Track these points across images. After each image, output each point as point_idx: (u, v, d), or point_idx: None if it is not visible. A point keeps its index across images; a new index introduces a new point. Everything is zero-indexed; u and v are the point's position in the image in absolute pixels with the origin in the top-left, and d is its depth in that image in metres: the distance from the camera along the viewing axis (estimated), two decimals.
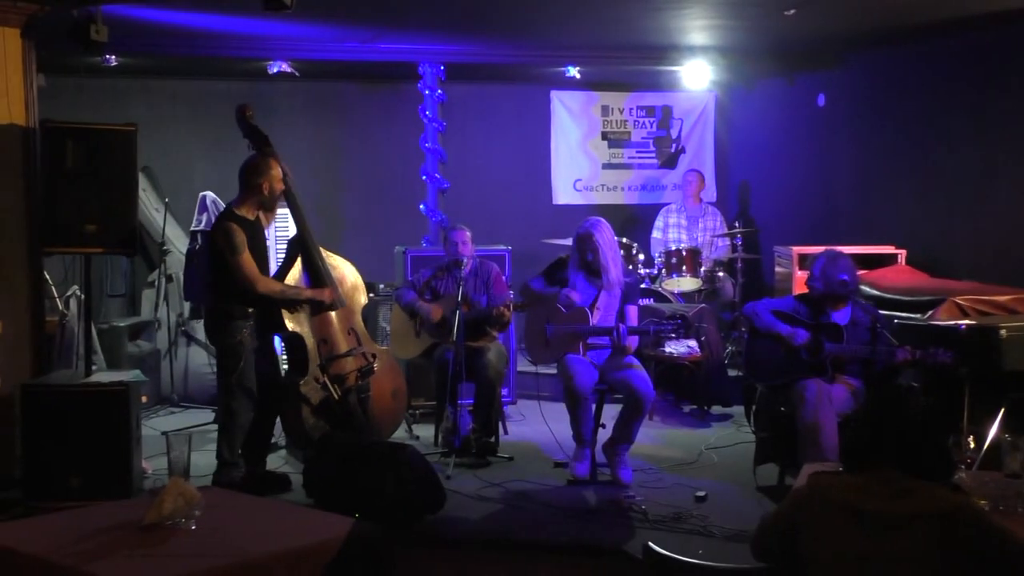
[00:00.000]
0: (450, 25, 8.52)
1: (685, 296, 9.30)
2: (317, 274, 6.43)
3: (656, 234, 10.29)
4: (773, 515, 3.36)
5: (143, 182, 8.75)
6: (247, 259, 6.03)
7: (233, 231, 6.01)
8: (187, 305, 8.78)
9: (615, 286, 6.67)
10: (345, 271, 6.71)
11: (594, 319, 6.64)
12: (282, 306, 6.27)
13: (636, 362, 6.65)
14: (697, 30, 8.61)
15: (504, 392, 7.91)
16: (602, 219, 6.82)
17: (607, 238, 6.68)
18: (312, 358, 6.36)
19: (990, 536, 2.94)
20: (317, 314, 6.40)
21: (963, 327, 6.03)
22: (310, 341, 6.37)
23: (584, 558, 5.36)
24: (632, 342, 6.60)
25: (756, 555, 3.35)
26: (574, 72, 10.16)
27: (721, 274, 9.65)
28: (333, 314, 6.47)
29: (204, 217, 8.53)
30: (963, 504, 3.00)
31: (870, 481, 3.06)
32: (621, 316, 6.69)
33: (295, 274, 6.47)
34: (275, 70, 9.51)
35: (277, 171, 6.21)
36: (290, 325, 6.32)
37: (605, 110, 11.36)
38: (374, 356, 6.56)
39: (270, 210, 6.35)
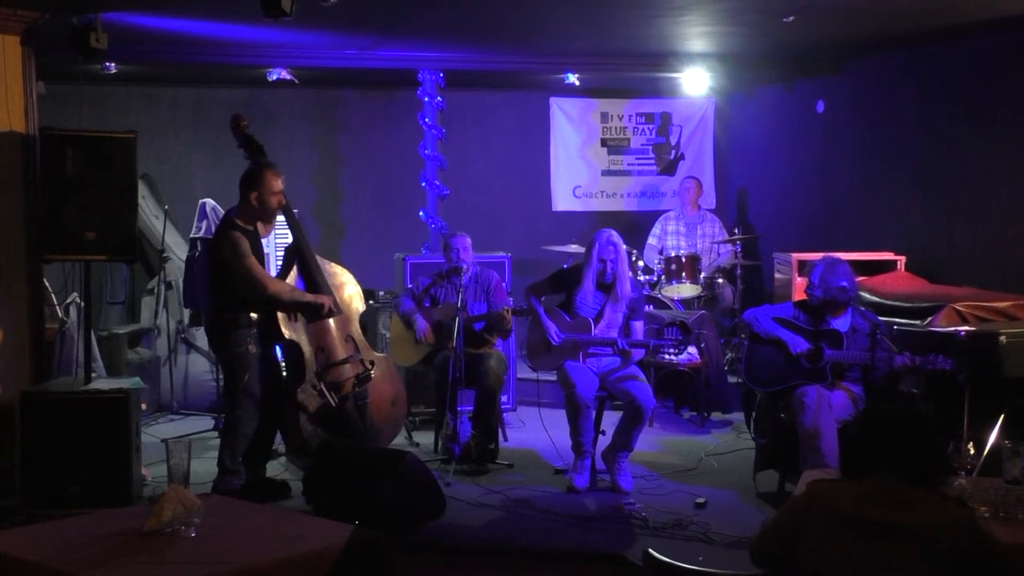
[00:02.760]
0: (450, 32, 8.53)
1: (684, 303, 9.30)
2: (313, 282, 6.42)
3: (651, 240, 10.27)
4: (772, 522, 3.36)
5: (143, 189, 8.76)
6: (254, 263, 6.03)
7: (237, 239, 6.02)
8: (187, 312, 8.78)
9: (623, 299, 6.67)
10: (342, 278, 6.70)
11: (597, 329, 6.64)
12: (281, 311, 6.26)
13: (637, 371, 6.66)
14: (696, 37, 8.62)
15: (504, 399, 7.91)
16: (613, 230, 6.83)
17: (623, 251, 6.72)
18: (308, 366, 6.35)
19: (992, 554, 2.93)
20: (313, 322, 6.39)
21: (963, 333, 6.03)
22: (306, 349, 6.36)
23: (584, 564, 5.36)
24: (636, 352, 6.63)
25: (755, 561, 3.35)
26: (573, 79, 10.17)
27: (720, 280, 9.65)
28: (331, 321, 6.46)
29: (204, 224, 8.52)
30: (967, 519, 2.98)
31: (871, 489, 3.06)
32: (626, 330, 6.69)
33: (290, 281, 6.46)
34: (275, 77, 9.51)
35: (273, 184, 6.14)
36: (286, 333, 6.31)
37: (604, 117, 11.36)
38: (372, 363, 6.55)
39: (266, 222, 6.33)
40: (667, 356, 8.25)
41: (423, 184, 10.02)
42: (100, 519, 4.04)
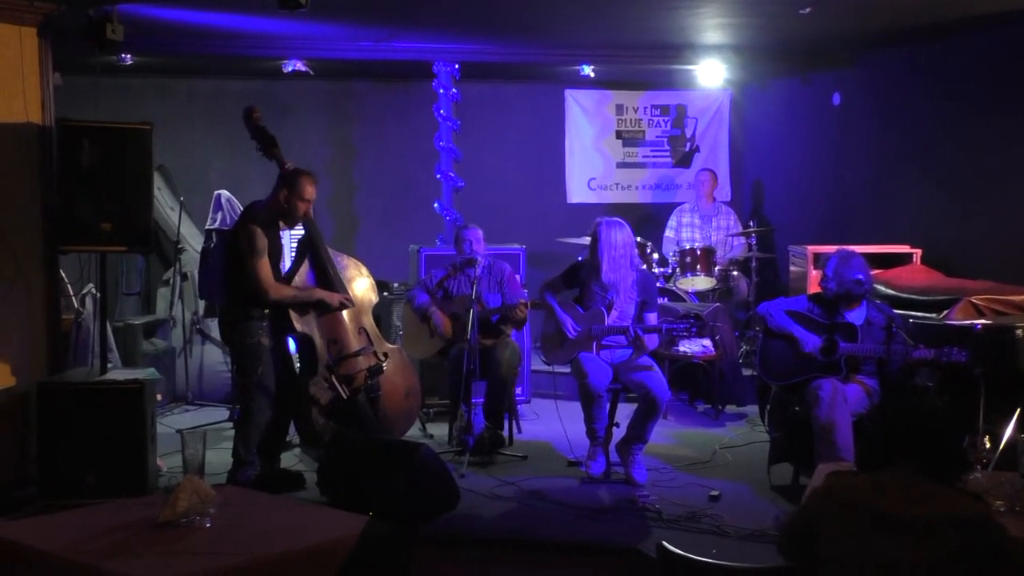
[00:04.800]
0: (465, 24, 8.52)
1: (699, 295, 9.29)
2: (325, 275, 6.42)
3: (668, 233, 10.29)
4: (793, 515, 3.36)
5: (158, 181, 8.77)
6: (265, 264, 6.03)
7: (256, 234, 6.01)
8: (202, 303, 8.80)
9: (611, 288, 6.62)
10: (355, 270, 6.70)
11: (610, 319, 6.63)
12: (292, 308, 6.27)
13: (652, 363, 6.65)
14: (712, 29, 8.59)
15: (519, 391, 7.91)
16: (617, 219, 6.78)
17: (612, 238, 6.62)
18: (321, 358, 6.36)
19: (1006, 550, 2.92)
20: (324, 315, 6.39)
21: (979, 327, 6.01)
22: (319, 341, 6.36)
23: (598, 557, 5.36)
24: (651, 341, 6.59)
25: (782, 553, 3.36)
26: (588, 71, 10.15)
27: (735, 273, 9.63)
28: (344, 313, 6.46)
29: (219, 216, 8.55)
30: (984, 514, 2.97)
31: (887, 483, 3.05)
32: (640, 321, 6.66)
33: (302, 272, 6.47)
34: (290, 69, 9.53)
35: (305, 191, 6.14)
36: (298, 326, 6.31)
37: (619, 109, 11.34)
38: (385, 355, 6.56)
39: (289, 224, 6.33)
40: (681, 348, 8.26)
41: (438, 176, 10.02)
42: (115, 509, 4.06)
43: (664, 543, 3.35)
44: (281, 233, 6.42)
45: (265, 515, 3.96)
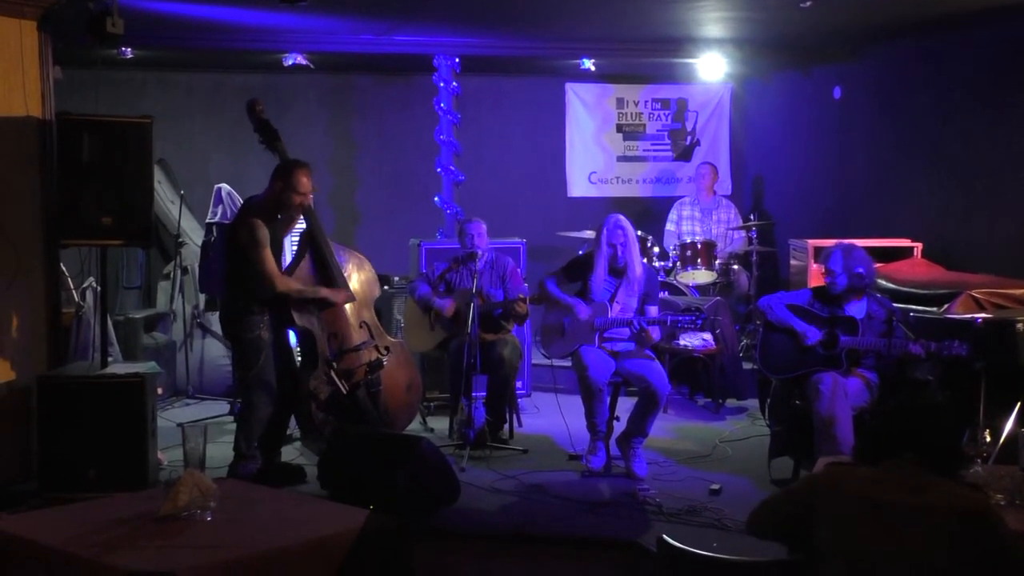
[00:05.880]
0: (465, 17, 8.51)
1: (700, 289, 9.28)
2: (326, 269, 6.41)
3: (670, 227, 10.28)
4: (784, 496, 3.36)
5: (158, 174, 8.77)
6: (269, 256, 6.02)
7: (257, 226, 6.01)
8: (202, 297, 8.81)
9: (634, 281, 6.67)
10: (357, 264, 6.69)
11: (612, 312, 6.64)
12: (292, 301, 6.26)
13: (652, 356, 6.66)
14: (713, 22, 8.59)
15: (519, 385, 7.91)
16: (621, 214, 6.83)
17: (631, 234, 6.71)
18: (321, 352, 6.35)
19: (1004, 541, 2.93)
20: (326, 309, 6.38)
21: (979, 320, 6.01)
22: (319, 335, 6.35)
23: (598, 550, 5.36)
24: (654, 333, 6.61)
25: (754, 532, 3.36)
26: (589, 64, 10.15)
27: (736, 267, 9.63)
28: (346, 307, 6.45)
29: (219, 209, 8.55)
30: (982, 505, 2.98)
31: (887, 473, 3.06)
32: (641, 314, 6.68)
33: (302, 266, 6.45)
34: (290, 63, 9.53)
35: (299, 183, 6.11)
36: (299, 320, 6.30)
37: (620, 102, 11.33)
38: (387, 349, 6.55)
39: (285, 215, 6.30)
40: (682, 342, 8.26)
41: (438, 170, 10.02)
42: (116, 503, 4.06)
43: (664, 536, 3.36)
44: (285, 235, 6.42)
45: (266, 509, 3.97)
